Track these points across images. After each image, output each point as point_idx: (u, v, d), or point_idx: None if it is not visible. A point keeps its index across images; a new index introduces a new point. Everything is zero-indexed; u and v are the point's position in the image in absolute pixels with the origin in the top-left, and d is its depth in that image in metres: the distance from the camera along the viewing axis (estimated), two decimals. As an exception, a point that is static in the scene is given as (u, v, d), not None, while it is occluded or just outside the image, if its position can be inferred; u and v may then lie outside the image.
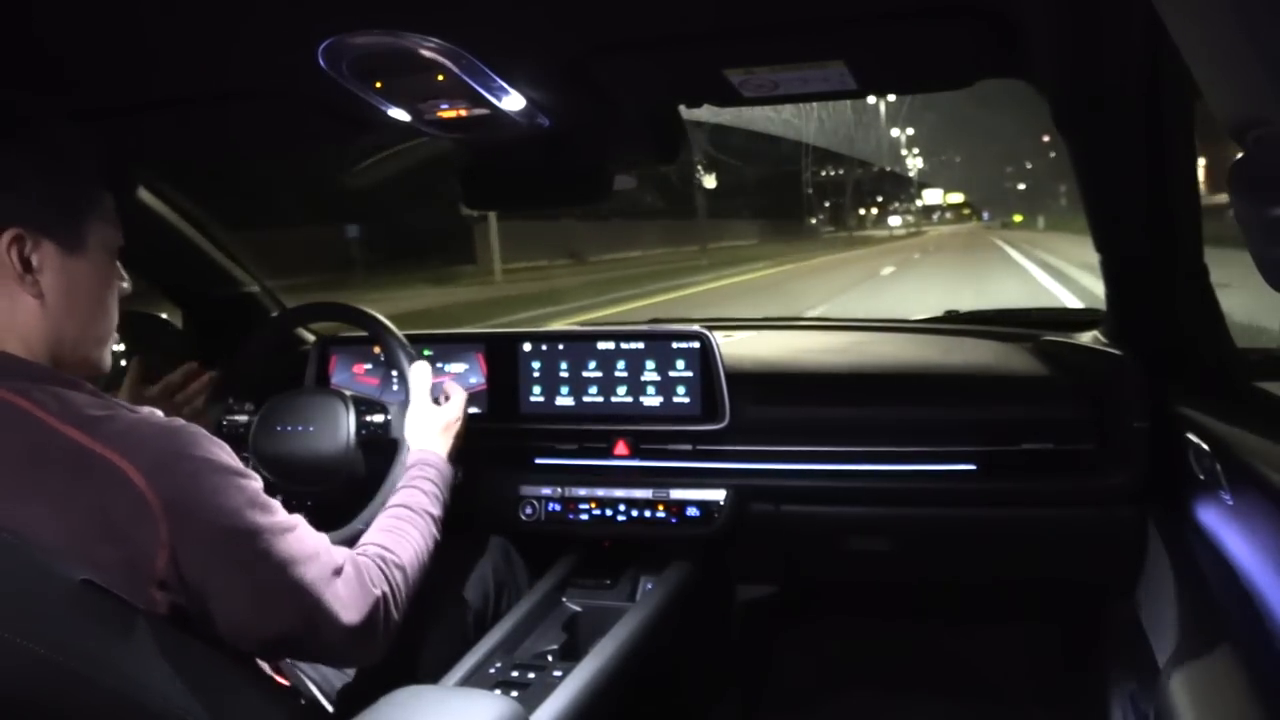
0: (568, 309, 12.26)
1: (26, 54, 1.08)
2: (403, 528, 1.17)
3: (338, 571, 0.96)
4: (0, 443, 0.80)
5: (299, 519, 0.96)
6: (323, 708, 1.17)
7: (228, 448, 0.90)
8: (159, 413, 0.90)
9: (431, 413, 1.41)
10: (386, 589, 1.04)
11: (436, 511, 1.25)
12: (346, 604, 0.96)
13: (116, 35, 1.06)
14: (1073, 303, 8.81)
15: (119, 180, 1.60)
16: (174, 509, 0.81)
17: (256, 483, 0.91)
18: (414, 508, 1.22)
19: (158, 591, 0.82)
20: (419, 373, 1.46)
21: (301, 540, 0.93)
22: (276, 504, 0.93)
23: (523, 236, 18.16)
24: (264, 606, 0.89)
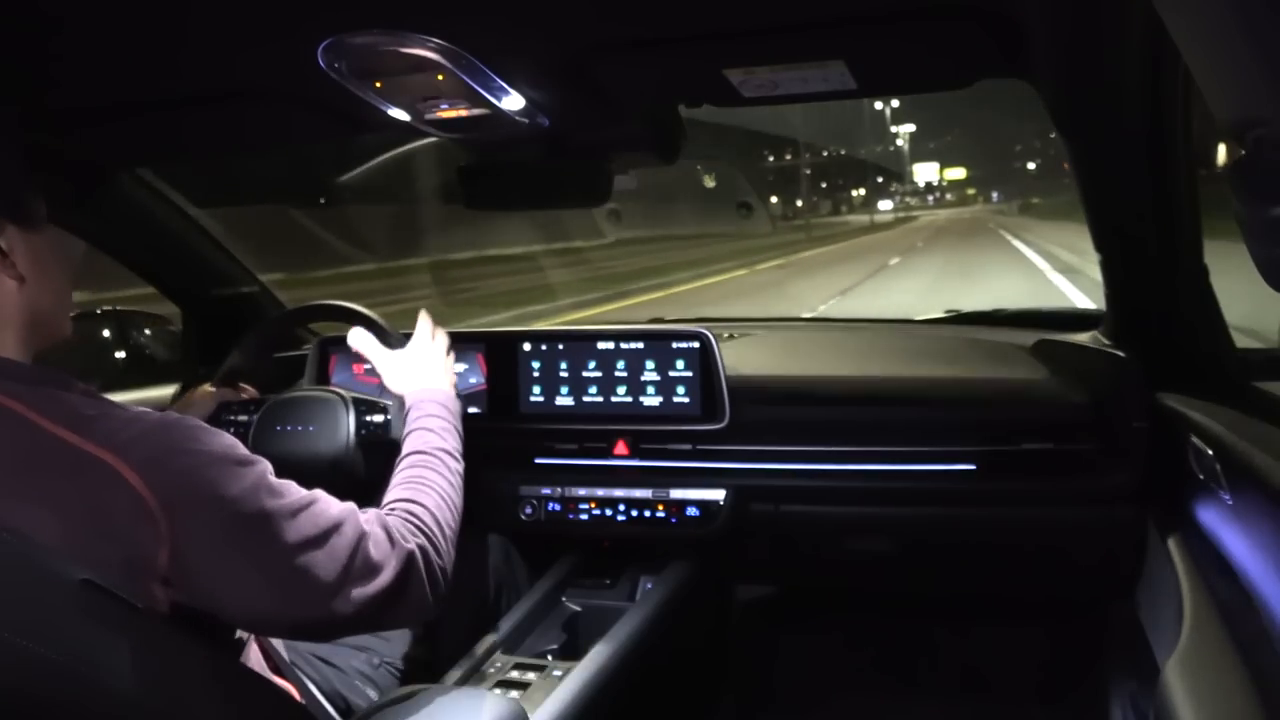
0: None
1: (23, 54, 1.08)
2: (422, 475, 1.14)
3: (364, 539, 0.94)
4: None
5: (318, 493, 0.94)
6: (323, 708, 1.17)
7: (227, 436, 0.89)
8: (153, 411, 0.90)
9: (400, 356, 1.39)
10: (421, 541, 1.02)
11: (450, 444, 1.22)
12: (378, 570, 0.94)
13: (116, 35, 1.06)
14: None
15: (99, 174, 1.61)
16: (172, 506, 0.80)
17: (261, 467, 0.89)
18: (426, 450, 1.19)
19: (160, 588, 0.81)
20: (356, 336, 1.44)
21: (320, 514, 0.91)
22: (287, 484, 0.91)
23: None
24: (284, 591, 0.88)
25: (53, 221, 0.94)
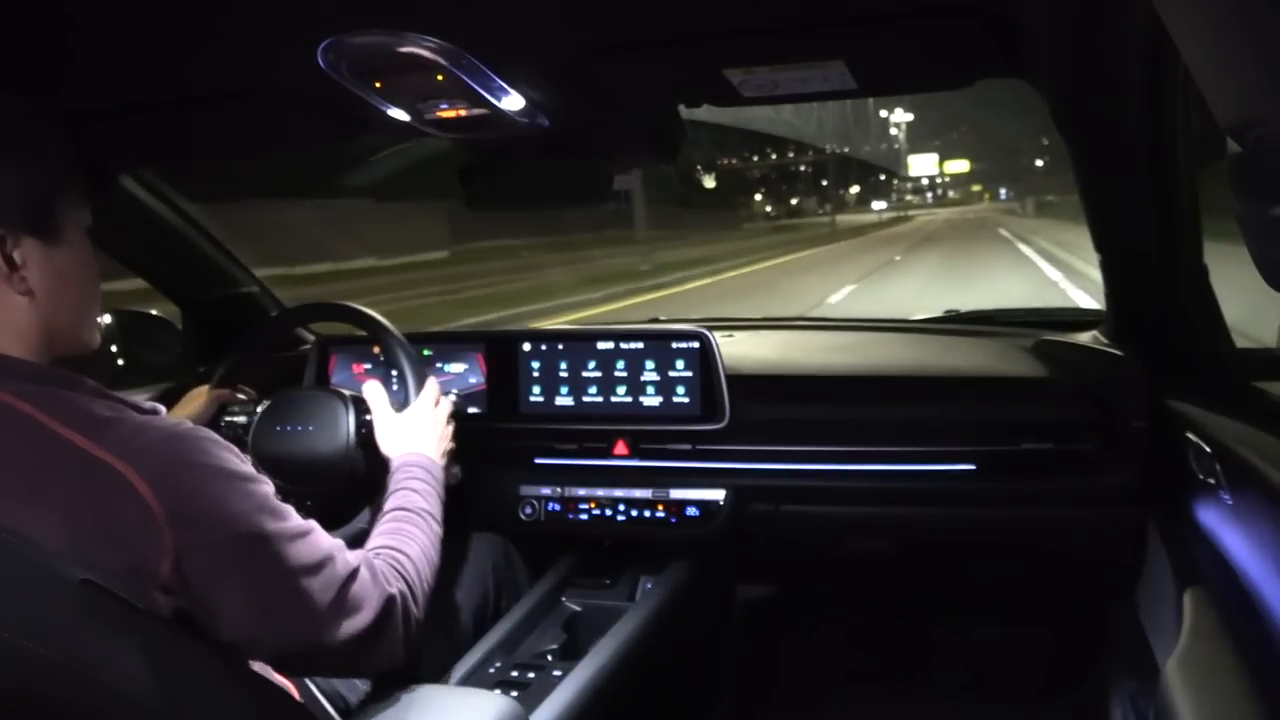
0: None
1: (24, 54, 1.08)
2: (403, 528, 1.15)
3: (352, 576, 0.95)
4: (3, 447, 0.80)
5: (312, 523, 0.94)
6: (323, 707, 1.17)
7: (237, 451, 0.89)
8: (163, 409, 0.89)
9: (398, 419, 1.38)
10: (402, 587, 1.02)
11: (431, 507, 1.23)
12: (361, 608, 0.94)
13: (115, 35, 1.06)
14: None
15: (101, 174, 1.61)
16: (179, 517, 0.80)
17: (266, 487, 0.90)
18: (409, 508, 1.20)
19: (161, 595, 0.81)
20: (371, 389, 1.43)
21: (313, 545, 0.92)
22: (288, 509, 0.91)
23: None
24: (272, 615, 0.88)
25: None
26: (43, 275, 0.87)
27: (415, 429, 1.37)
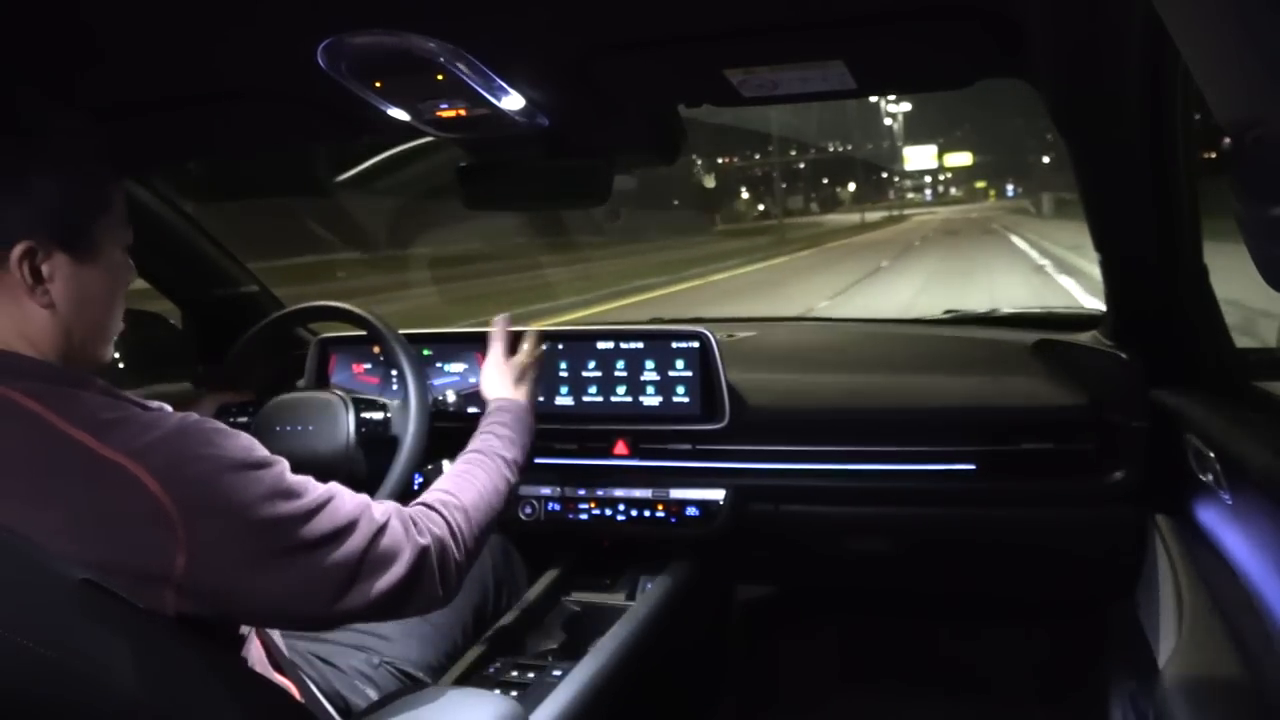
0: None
1: (24, 54, 1.08)
2: (471, 471, 1.19)
3: (379, 533, 0.95)
4: (10, 447, 0.80)
5: (334, 488, 0.94)
6: (323, 707, 1.17)
7: (244, 437, 0.88)
8: (169, 408, 0.89)
9: (503, 364, 1.46)
10: (442, 532, 1.03)
11: (510, 454, 1.27)
12: (392, 563, 0.95)
13: (115, 35, 1.06)
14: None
15: (130, 175, 1.61)
16: (190, 512, 0.80)
17: (278, 468, 0.89)
18: (485, 451, 1.24)
19: (171, 594, 0.81)
20: (497, 327, 1.51)
21: (333, 514, 0.91)
22: (304, 483, 0.91)
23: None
24: (297, 591, 0.88)
25: None
26: (67, 290, 0.87)
27: (512, 376, 1.44)
